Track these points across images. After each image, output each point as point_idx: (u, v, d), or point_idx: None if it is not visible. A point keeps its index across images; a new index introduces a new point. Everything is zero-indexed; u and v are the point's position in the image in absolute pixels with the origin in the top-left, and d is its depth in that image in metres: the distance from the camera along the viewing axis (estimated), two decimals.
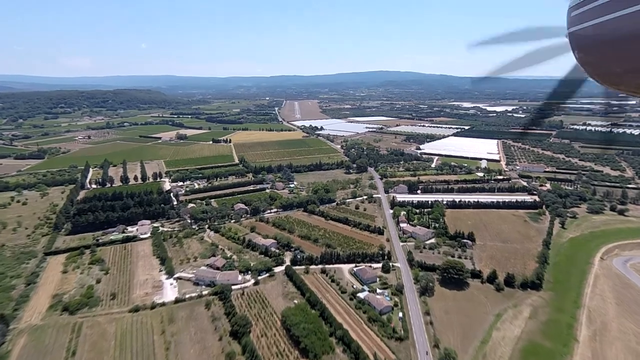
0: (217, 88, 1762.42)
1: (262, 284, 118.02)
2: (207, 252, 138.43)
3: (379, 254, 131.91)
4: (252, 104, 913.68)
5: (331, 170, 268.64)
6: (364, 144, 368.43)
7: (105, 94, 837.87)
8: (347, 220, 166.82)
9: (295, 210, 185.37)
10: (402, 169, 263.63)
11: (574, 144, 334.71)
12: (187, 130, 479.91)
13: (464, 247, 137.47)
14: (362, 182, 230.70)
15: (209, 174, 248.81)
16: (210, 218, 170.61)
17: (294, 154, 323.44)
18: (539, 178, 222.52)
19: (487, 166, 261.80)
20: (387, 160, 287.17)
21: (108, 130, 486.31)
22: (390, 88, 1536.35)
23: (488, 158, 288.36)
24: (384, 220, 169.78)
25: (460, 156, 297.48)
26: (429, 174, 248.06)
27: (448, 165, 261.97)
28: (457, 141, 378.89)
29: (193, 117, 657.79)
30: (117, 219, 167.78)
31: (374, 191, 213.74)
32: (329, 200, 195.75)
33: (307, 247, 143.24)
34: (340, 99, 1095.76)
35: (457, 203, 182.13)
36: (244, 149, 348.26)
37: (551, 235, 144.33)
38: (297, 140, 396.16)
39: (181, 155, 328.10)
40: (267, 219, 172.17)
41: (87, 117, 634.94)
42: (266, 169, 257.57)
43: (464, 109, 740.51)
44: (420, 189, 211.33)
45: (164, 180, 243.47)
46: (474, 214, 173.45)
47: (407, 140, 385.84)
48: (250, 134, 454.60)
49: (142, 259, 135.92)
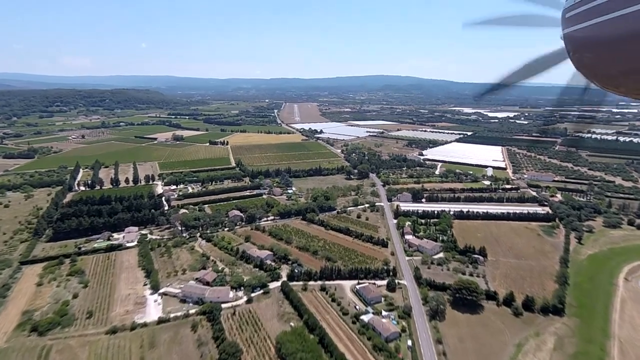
0: (217, 89, 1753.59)
1: (255, 302, 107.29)
2: (197, 264, 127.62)
3: (384, 269, 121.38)
4: (251, 106, 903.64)
5: (331, 175, 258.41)
6: (365, 148, 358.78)
7: (102, 93, 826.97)
8: (348, 231, 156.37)
9: (294, 218, 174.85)
10: (405, 176, 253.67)
11: (581, 153, 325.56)
12: (184, 132, 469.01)
13: (475, 264, 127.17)
14: (364, 189, 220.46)
15: (204, 178, 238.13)
16: (203, 226, 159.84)
17: (293, 158, 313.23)
18: (549, 188, 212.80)
19: (494, 174, 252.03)
20: (389, 166, 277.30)
21: (103, 130, 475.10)
22: (390, 92, 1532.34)
23: (494, 166, 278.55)
24: (387, 232, 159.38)
25: (464, 163, 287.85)
26: (433, 181, 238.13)
27: (453, 173, 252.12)
28: (460, 147, 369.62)
29: (191, 118, 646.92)
30: (103, 225, 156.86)
31: (376, 199, 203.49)
32: (329, 208, 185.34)
33: (305, 259, 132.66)
34: (340, 102, 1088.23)
35: (465, 214, 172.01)
36: (242, 152, 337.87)
37: (568, 252, 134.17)
38: (296, 144, 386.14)
39: (176, 157, 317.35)
40: (263, 227, 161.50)
41: (83, 117, 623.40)
42: (264, 173, 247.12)
43: (465, 115, 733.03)
44: (425, 197, 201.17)
45: (156, 183, 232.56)
46: (483, 226, 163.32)
47: (409, 146, 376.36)
48: (249, 136, 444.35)
49: (126, 271, 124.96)
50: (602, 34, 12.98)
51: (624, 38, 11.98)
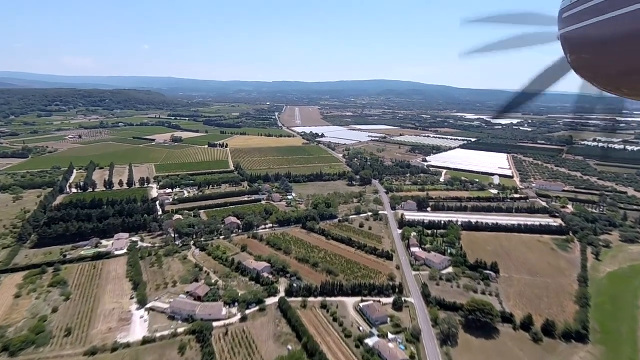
0: (218, 91, 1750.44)
1: (250, 321, 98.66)
2: (189, 276, 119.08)
3: (389, 286, 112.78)
4: (252, 108, 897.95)
5: (332, 181, 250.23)
6: (367, 153, 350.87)
7: (102, 93, 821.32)
8: (350, 241, 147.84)
9: (293, 226, 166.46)
10: (409, 183, 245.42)
11: (589, 162, 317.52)
12: (184, 133, 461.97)
13: (487, 280, 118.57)
14: (367, 196, 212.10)
15: (201, 181, 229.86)
16: (197, 233, 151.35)
17: (293, 162, 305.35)
18: (559, 198, 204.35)
19: (501, 183, 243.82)
20: (393, 172, 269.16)
21: (101, 130, 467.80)
22: (391, 97, 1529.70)
23: (500, 174, 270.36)
24: (392, 243, 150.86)
25: (470, 170, 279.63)
26: (438, 189, 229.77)
27: (458, 181, 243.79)
28: (464, 154, 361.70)
29: (191, 119, 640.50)
30: (92, 231, 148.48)
31: (380, 207, 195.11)
32: (331, 216, 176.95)
33: (305, 272, 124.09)
34: (342, 106, 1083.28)
35: (474, 225, 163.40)
36: (241, 155, 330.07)
37: (586, 269, 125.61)
38: (297, 148, 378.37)
39: (174, 159, 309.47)
40: (261, 236, 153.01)
41: (82, 116, 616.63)
42: (263, 178, 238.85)
43: (468, 121, 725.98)
44: (431, 206, 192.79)
45: (151, 187, 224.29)
46: (493, 238, 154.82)
47: (413, 152, 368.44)
48: (249, 139, 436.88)
49: (112, 282, 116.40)
50: (600, 34, 12.91)
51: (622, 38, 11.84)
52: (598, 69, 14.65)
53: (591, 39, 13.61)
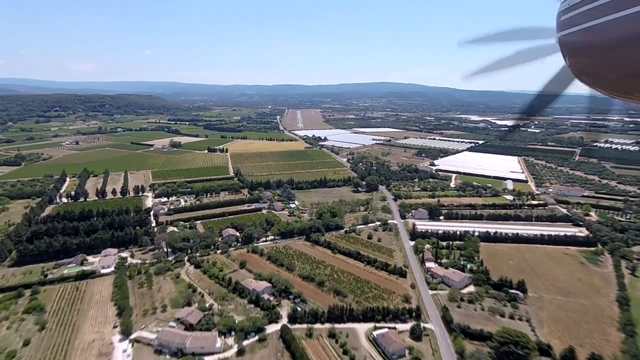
0: (220, 96, 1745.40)
1: (248, 354, 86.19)
2: (180, 298, 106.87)
3: (405, 310, 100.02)
4: (254, 112, 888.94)
5: (337, 187, 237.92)
6: (372, 157, 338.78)
7: (102, 98, 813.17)
8: (359, 255, 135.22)
9: (296, 238, 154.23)
10: (417, 189, 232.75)
11: (605, 164, 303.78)
12: (183, 138, 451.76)
13: (515, 302, 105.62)
14: (374, 204, 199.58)
15: (199, 189, 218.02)
16: (192, 248, 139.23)
17: (296, 167, 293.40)
18: (580, 204, 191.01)
19: (515, 188, 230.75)
20: (400, 177, 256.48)
21: (99, 136, 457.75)
22: (393, 99, 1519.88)
23: (514, 178, 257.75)
24: (404, 257, 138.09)
25: (481, 175, 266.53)
26: (449, 195, 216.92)
27: (470, 186, 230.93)
28: (473, 157, 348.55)
29: (191, 123, 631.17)
30: (77, 247, 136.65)
31: (388, 215, 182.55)
32: (336, 227, 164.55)
33: (310, 293, 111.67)
34: (344, 109, 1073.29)
35: (492, 235, 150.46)
36: (241, 160, 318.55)
37: (624, 287, 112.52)
38: (299, 152, 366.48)
39: (172, 165, 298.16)
40: (261, 250, 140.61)
41: (81, 122, 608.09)
42: (264, 185, 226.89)
43: (473, 122, 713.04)
44: (443, 214, 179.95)
45: (146, 195, 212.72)
46: (514, 251, 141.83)
47: (419, 155, 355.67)
48: (249, 143, 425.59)
49: (95, 306, 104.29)
50: (598, 37, 12.76)
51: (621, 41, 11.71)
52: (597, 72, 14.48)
53: (589, 42, 13.58)
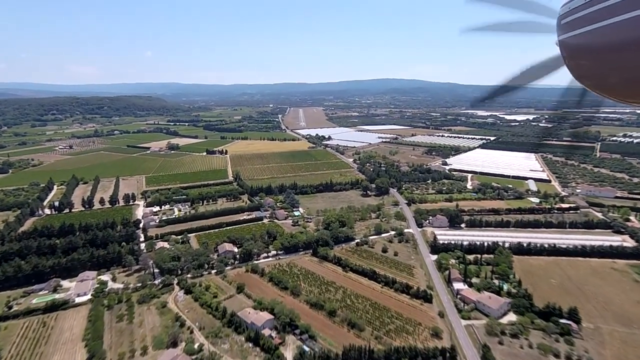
0: (221, 95, 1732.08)
1: None
2: (165, 336, 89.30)
3: (437, 351, 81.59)
4: (255, 111, 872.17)
5: (344, 191, 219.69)
6: (379, 156, 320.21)
7: (100, 101, 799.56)
8: (374, 275, 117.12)
9: (302, 253, 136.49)
10: (432, 191, 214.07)
11: (630, 160, 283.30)
12: (181, 140, 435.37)
13: (568, 336, 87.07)
14: (386, 210, 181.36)
15: (194, 196, 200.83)
16: (183, 268, 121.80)
17: (299, 169, 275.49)
18: (617, 208, 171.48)
19: (538, 189, 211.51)
20: (412, 178, 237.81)
21: (94, 139, 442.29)
22: (396, 96, 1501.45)
23: (535, 177, 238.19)
24: (427, 276, 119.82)
25: (499, 174, 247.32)
26: (468, 198, 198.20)
27: (489, 187, 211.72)
28: (487, 154, 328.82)
29: (190, 124, 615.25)
30: (51, 269, 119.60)
31: (403, 224, 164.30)
32: (346, 239, 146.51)
33: (319, 325, 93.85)
34: (346, 107, 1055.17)
35: (525, 247, 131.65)
36: (241, 162, 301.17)
37: None
38: (302, 152, 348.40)
39: (167, 169, 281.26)
40: (262, 269, 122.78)
41: (78, 125, 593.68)
42: (265, 190, 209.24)
43: (481, 118, 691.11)
44: (465, 221, 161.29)
45: (137, 204, 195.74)
46: (553, 265, 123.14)
47: (429, 153, 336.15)
48: (250, 143, 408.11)
49: (61, 350, 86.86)
50: (598, 40, 12.87)
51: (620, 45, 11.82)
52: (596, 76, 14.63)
53: (589, 46, 13.68)
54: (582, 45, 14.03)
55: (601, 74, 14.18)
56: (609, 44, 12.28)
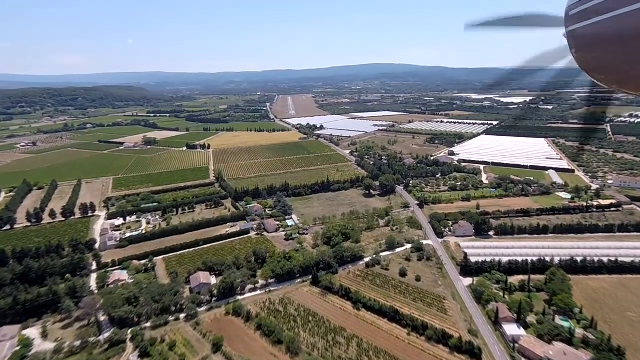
0: (207, 84, 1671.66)
1: None
2: None
3: None
4: (242, 100, 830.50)
5: (344, 190, 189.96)
6: (378, 147, 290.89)
7: (74, 92, 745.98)
8: (397, 315, 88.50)
9: (299, 281, 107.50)
10: (444, 188, 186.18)
11: None
12: (160, 133, 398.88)
13: None
14: (395, 215, 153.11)
15: (168, 203, 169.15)
16: (142, 314, 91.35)
17: (290, 165, 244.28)
18: None
19: (565, 181, 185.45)
20: (419, 173, 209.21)
21: (63, 134, 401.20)
22: (386, 80, 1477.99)
23: (556, 167, 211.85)
24: (464, 312, 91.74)
25: (514, 164, 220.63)
26: (487, 195, 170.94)
27: (509, 181, 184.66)
28: (495, 142, 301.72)
29: (172, 115, 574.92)
30: None
31: (418, 233, 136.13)
32: (353, 258, 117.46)
33: None
34: (336, 93, 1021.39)
35: (580, 264, 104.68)
36: (226, 158, 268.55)
37: None
38: (294, 144, 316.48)
39: (140, 168, 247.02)
40: (248, 311, 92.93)
41: (48, 118, 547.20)
42: (252, 193, 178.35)
43: (477, 101, 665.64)
44: (494, 228, 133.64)
45: (98, 215, 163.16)
46: (619, 288, 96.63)
47: (432, 142, 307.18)
48: (236, 135, 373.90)
49: None
50: (606, 31, 12.34)
51: (628, 36, 11.34)
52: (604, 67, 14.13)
53: (597, 37, 13.20)
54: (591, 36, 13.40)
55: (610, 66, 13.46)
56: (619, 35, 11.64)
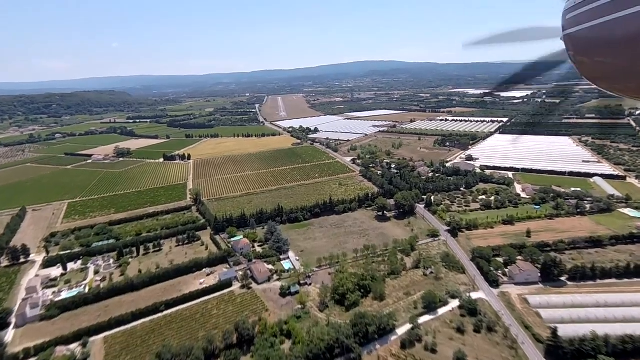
0: (195, 86, 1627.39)
1: None
2: None
3: None
4: (230, 102, 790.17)
5: (351, 212, 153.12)
6: (382, 152, 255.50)
7: (48, 98, 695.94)
8: None
9: None
10: (474, 205, 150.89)
11: None
12: (137, 142, 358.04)
13: None
14: (423, 248, 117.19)
15: (127, 240, 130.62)
16: None
17: (283, 178, 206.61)
18: None
19: (622, 193, 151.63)
20: (439, 186, 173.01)
21: (26, 147, 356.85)
22: (377, 78, 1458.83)
23: (602, 173, 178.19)
24: None
25: (549, 171, 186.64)
26: (534, 216, 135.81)
27: (556, 194, 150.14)
28: (514, 142, 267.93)
29: (153, 121, 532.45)
30: None
31: (460, 277, 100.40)
32: (381, 331, 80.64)
33: None
34: (328, 92, 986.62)
35: None
36: (207, 171, 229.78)
37: None
38: (286, 152, 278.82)
39: (104, 187, 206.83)
40: None
41: (16, 128, 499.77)
42: (236, 221, 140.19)
43: (474, 97, 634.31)
44: (567, 272, 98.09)
45: (33, 260, 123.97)
46: None
47: (442, 144, 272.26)
48: (221, 142, 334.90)
49: None
50: (604, 35, 12.33)
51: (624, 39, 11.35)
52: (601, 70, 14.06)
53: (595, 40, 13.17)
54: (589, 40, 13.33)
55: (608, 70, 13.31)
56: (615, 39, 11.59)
